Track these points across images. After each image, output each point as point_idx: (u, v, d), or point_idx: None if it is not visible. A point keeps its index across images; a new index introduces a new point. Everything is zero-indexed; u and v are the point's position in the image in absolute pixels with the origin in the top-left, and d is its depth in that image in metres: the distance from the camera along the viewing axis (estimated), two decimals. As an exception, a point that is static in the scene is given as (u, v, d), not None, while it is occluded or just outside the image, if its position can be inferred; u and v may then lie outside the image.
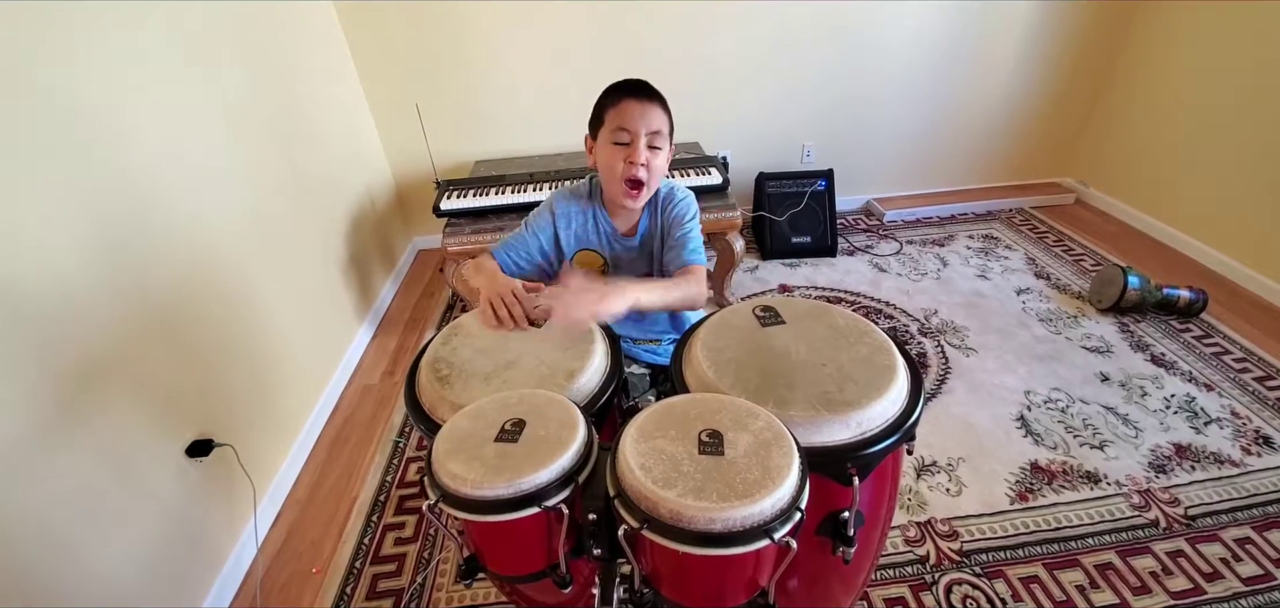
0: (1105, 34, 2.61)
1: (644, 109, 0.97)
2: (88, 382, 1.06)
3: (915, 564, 1.31)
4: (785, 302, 0.89)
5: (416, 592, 1.33)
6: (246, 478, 1.41)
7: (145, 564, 1.15)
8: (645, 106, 0.98)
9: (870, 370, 0.74)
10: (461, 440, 0.63)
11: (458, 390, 0.77)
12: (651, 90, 1.00)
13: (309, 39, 2.05)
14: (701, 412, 0.64)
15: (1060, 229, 2.70)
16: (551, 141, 2.57)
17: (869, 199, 2.98)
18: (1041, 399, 1.74)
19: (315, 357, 1.86)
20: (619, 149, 0.99)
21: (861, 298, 2.30)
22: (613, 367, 0.83)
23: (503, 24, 2.32)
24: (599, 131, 1.02)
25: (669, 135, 1.02)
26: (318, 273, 1.93)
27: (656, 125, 0.98)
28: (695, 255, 1.04)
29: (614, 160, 0.99)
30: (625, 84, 1.00)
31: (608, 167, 1.01)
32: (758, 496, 0.53)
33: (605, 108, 1.01)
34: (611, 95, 1.00)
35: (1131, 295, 2.03)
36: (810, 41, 2.50)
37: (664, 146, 1.01)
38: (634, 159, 0.98)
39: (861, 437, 0.67)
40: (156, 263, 1.25)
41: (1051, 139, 2.90)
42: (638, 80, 1.01)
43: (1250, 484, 1.45)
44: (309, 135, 1.97)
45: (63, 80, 1.08)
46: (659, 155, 1.01)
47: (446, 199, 2.08)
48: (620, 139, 0.98)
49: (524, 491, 0.58)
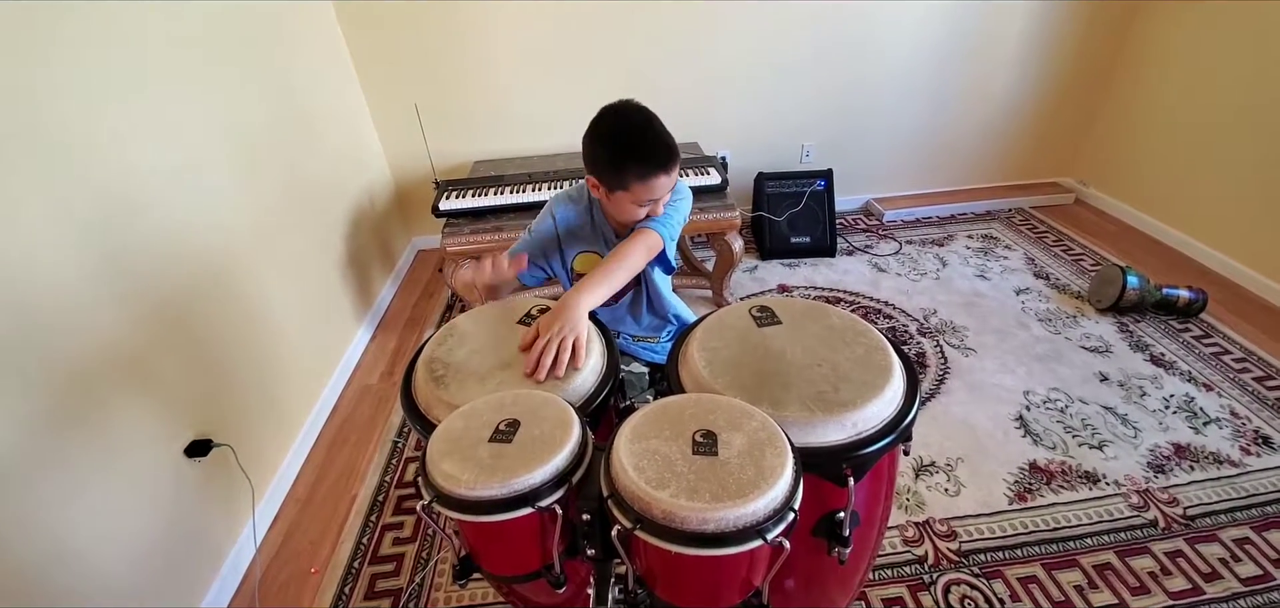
0: (1105, 33, 2.61)
1: (670, 179, 0.97)
2: (86, 382, 1.06)
3: (913, 565, 1.31)
4: (782, 302, 0.89)
5: (415, 592, 1.33)
6: (245, 478, 1.41)
7: (143, 564, 1.15)
8: (670, 176, 0.97)
9: (866, 370, 0.74)
10: (456, 441, 0.63)
11: (453, 391, 0.77)
12: (671, 153, 0.96)
13: (308, 39, 2.06)
14: (696, 412, 0.64)
15: (1059, 229, 2.70)
16: (550, 142, 2.57)
17: (868, 199, 2.98)
18: (1040, 399, 1.74)
19: (314, 357, 1.86)
20: (638, 206, 0.99)
21: (861, 298, 2.29)
22: (609, 367, 0.83)
23: (502, 24, 2.32)
24: (614, 185, 0.97)
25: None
26: (317, 273, 1.94)
27: (674, 181, 0.99)
28: (656, 223, 1.01)
29: (631, 212, 1.00)
30: (651, 151, 0.95)
31: (623, 212, 1.01)
32: (751, 496, 0.53)
33: (630, 175, 0.95)
34: (637, 166, 0.94)
35: (1131, 295, 2.03)
36: (809, 41, 2.50)
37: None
38: (655, 213, 1.00)
39: (857, 437, 0.67)
40: (155, 264, 1.25)
41: (1051, 139, 2.90)
42: (657, 139, 0.95)
43: (1249, 485, 1.45)
44: (308, 136, 1.97)
45: (62, 82, 1.08)
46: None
47: (445, 199, 2.08)
48: (642, 201, 0.98)
49: (517, 491, 0.58)
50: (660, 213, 1.01)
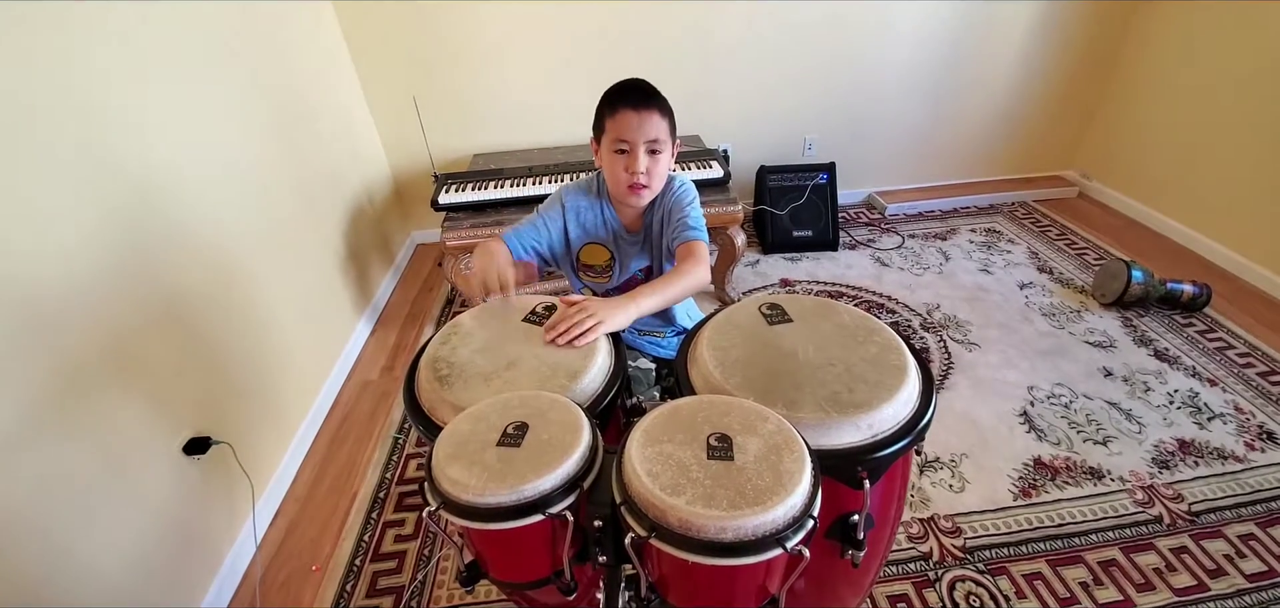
0: (1109, 27, 2.59)
1: (641, 118, 0.96)
2: (83, 379, 1.04)
3: (918, 561, 1.31)
4: (791, 299, 0.87)
5: (417, 589, 1.32)
6: (244, 476, 1.39)
7: (142, 563, 1.13)
8: (643, 116, 0.96)
9: (880, 370, 0.72)
10: (462, 444, 0.62)
11: (457, 391, 0.75)
12: (648, 96, 0.98)
13: (307, 34, 2.02)
14: (709, 415, 0.63)
15: (1063, 223, 2.68)
16: (550, 135, 2.54)
17: (871, 193, 2.96)
18: (1044, 394, 1.73)
19: (313, 352, 1.84)
20: (620, 157, 0.99)
21: (863, 292, 2.28)
22: (616, 366, 0.82)
23: (501, 17, 2.29)
24: (601, 138, 1.01)
25: (670, 137, 1.01)
26: (316, 268, 1.91)
27: (654, 133, 0.97)
28: (695, 232, 1.02)
29: (616, 169, 1.00)
30: (622, 91, 0.98)
31: (611, 173, 1.02)
32: (770, 503, 0.52)
33: (604, 117, 0.99)
34: (610, 104, 0.98)
35: (1135, 290, 2.02)
36: (812, 34, 2.47)
37: (664, 150, 1.00)
38: (634, 169, 0.98)
39: (873, 439, 0.66)
40: (152, 260, 1.23)
41: (1054, 132, 2.88)
42: (635, 84, 0.99)
43: (1254, 480, 1.45)
44: (307, 130, 1.94)
45: (64, 79, 1.06)
46: (660, 159, 1.00)
47: (445, 193, 2.05)
48: (620, 148, 0.98)
49: (527, 497, 0.57)
50: (638, 168, 0.98)
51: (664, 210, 1.08)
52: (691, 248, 1.00)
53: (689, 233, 1.02)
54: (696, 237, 1.01)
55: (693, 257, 0.98)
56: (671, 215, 1.06)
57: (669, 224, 1.07)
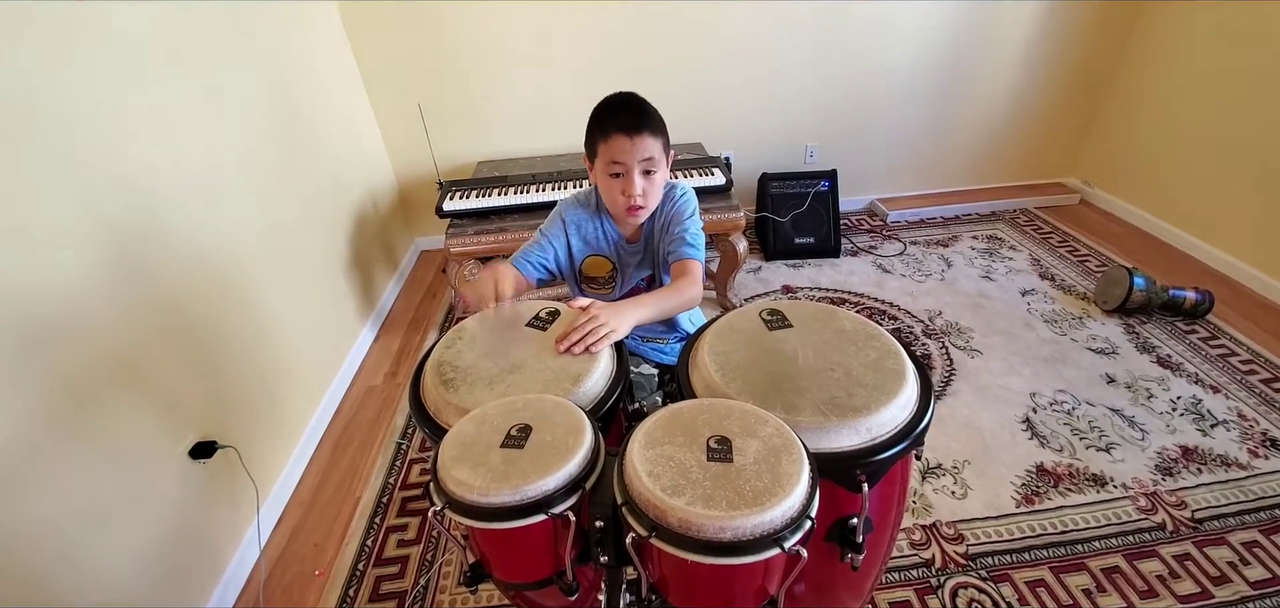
0: (1110, 33, 2.60)
1: (634, 142, 0.96)
2: (90, 384, 1.06)
3: (920, 568, 1.30)
4: (791, 304, 0.88)
5: (420, 594, 1.32)
6: (249, 480, 1.40)
7: (148, 567, 1.14)
8: (635, 141, 0.96)
9: (879, 375, 0.73)
10: (467, 446, 0.63)
11: (462, 394, 0.76)
12: (640, 117, 0.97)
13: (312, 40, 2.05)
14: (710, 417, 0.64)
15: (1065, 230, 2.69)
16: (554, 142, 2.56)
17: (872, 200, 2.97)
18: (1047, 401, 1.73)
19: (318, 358, 1.86)
20: (615, 180, 0.99)
21: (865, 299, 2.29)
22: (619, 370, 0.83)
23: (506, 25, 2.32)
24: (594, 157, 1.01)
25: (664, 153, 1.01)
26: (320, 274, 1.93)
27: (647, 152, 0.97)
28: (692, 250, 1.03)
29: (613, 191, 1.00)
30: (613, 110, 0.97)
31: (608, 193, 1.02)
32: (768, 504, 0.53)
33: (597, 138, 0.98)
34: (601, 125, 0.97)
35: (1137, 297, 2.02)
36: (813, 41, 2.49)
37: (659, 168, 1.00)
38: (630, 192, 0.98)
39: (871, 443, 0.67)
40: (159, 266, 1.24)
41: (1056, 139, 2.89)
42: (626, 102, 0.98)
43: (1258, 487, 1.44)
44: (312, 136, 1.96)
45: (67, 84, 1.08)
46: (655, 178, 1.00)
47: (449, 200, 2.07)
48: (614, 171, 0.98)
49: (530, 498, 0.58)
50: (634, 191, 0.98)
51: (664, 220, 1.08)
52: (685, 267, 1.00)
53: (685, 250, 1.02)
54: (691, 255, 1.02)
55: (686, 275, 0.99)
56: (670, 227, 1.06)
57: (668, 234, 1.07)
